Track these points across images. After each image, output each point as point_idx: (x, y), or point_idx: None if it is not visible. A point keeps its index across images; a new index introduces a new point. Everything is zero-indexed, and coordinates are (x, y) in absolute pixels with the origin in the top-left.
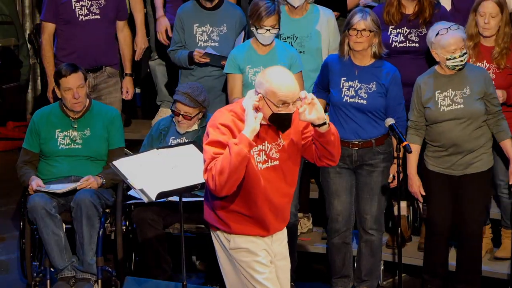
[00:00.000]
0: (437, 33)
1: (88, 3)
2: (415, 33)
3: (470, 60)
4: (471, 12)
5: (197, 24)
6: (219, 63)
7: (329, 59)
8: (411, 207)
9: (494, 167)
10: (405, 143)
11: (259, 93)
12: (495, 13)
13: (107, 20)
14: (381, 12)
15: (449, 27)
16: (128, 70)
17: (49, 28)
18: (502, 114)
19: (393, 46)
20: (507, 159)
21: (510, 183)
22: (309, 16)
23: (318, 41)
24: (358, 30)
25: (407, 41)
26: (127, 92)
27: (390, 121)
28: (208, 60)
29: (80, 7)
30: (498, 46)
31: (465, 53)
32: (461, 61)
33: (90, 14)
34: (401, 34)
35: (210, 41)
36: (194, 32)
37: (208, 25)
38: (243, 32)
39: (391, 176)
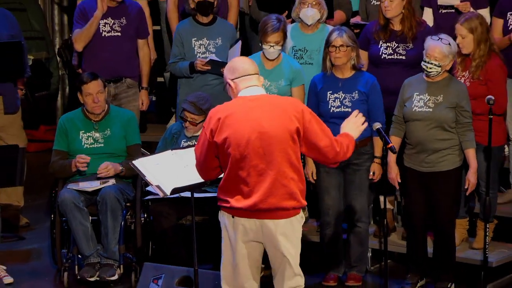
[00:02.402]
0: (431, 37)
1: (111, 21)
2: (402, 47)
3: (458, 70)
4: None
5: (195, 38)
6: (218, 71)
7: (315, 78)
8: (395, 201)
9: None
10: (390, 144)
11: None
12: (465, 34)
13: (127, 37)
14: (373, 29)
15: (441, 38)
16: (145, 84)
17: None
18: (471, 126)
19: (382, 57)
20: (488, 163)
21: (466, 187)
22: (320, 33)
23: None
24: (336, 46)
25: (395, 54)
26: (142, 103)
27: (377, 125)
28: (209, 68)
29: (104, 24)
30: (474, 61)
31: (434, 64)
32: (428, 67)
33: (112, 31)
34: (390, 48)
35: (207, 52)
36: (193, 45)
37: (205, 38)
38: (239, 42)
39: (371, 173)
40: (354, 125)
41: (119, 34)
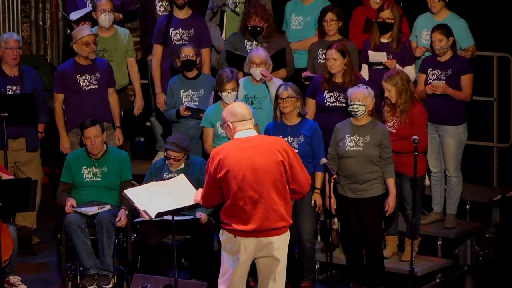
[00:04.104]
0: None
1: (88, 77)
2: (343, 96)
3: (388, 116)
4: None
5: (183, 90)
6: (197, 116)
7: (269, 126)
8: (339, 222)
9: (404, 196)
10: (335, 176)
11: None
12: (389, 88)
13: (102, 88)
14: (319, 81)
15: (358, 86)
16: (117, 123)
17: (59, 98)
18: (391, 160)
19: (326, 104)
20: (414, 191)
21: (386, 209)
22: (265, 84)
23: (271, 101)
24: (283, 98)
25: (337, 102)
26: (118, 139)
27: (323, 160)
28: (189, 113)
29: (83, 80)
30: (399, 107)
31: (359, 104)
32: (354, 108)
33: (91, 85)
34: (333, 96)
35: (192, 101)
36: (181, 96)
37: (190, 90)
38: (212, 93)
39: (313, 201)
40: None
41: (96, 86)
